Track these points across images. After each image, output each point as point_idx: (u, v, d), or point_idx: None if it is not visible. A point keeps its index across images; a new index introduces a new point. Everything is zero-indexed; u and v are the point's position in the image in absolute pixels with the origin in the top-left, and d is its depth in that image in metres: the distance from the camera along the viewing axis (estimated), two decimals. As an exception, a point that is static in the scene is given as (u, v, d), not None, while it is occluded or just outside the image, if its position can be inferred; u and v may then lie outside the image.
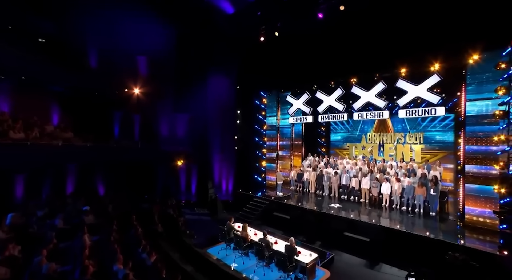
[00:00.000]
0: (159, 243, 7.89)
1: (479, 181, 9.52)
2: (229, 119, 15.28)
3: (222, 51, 14.56)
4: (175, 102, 14.41)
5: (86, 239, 6.92)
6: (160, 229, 9.12)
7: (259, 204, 13.52)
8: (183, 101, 14.40)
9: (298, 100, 15.12)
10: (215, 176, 15.20)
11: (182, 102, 14.40)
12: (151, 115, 14.01)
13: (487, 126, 9.40)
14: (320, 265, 7.86)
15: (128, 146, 13.73)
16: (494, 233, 8.90)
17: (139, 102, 13.63)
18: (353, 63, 12.16)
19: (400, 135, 16.09)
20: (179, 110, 14.60)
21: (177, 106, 14.49)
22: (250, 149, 16.41)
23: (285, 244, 7.62)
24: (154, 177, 14.51)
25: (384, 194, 11.89)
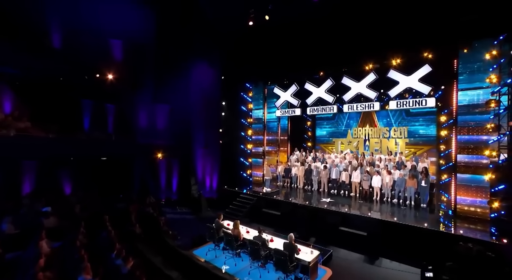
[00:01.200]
0: (137, 246, 6.66)
1: (471, 171, 9.34)
2: (213, 112, 14.17)
3: (206, 39, 13.43)
4: (155, 92, 13.01)
5: (44, 246, 5.55)
6: (138, 230, 7.84)
7: (247, 201, 12.56)
8: (163, 91, 13.04)
9: (285, 92, 14.37)
10: (199, 171, 13.99)
11: (163, 92, 13.04)
12: (128, 105, 12.47)
13: (478, 116, 9.23)
14: (320, 262, 7.07)
15: (100, 139, 12.04)
16: (484, 222, 8.72)
17: (113, 91, 12.04)
18: (344, 53, 11.65)
19: (385, 130, 15.98)
20: (159, 100, 13.21)
21: (157, 97, 13.10)
22: (236, 143, 15.39)
23: (284, 242, 6.74)
24: (131, 173, 12.96)
25: (375, 187, 11.48)
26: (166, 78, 12.93)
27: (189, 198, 13.36)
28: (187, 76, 13.61)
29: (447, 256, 6.83)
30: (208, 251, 8.10)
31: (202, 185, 14.11)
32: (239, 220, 8.26)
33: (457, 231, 7.99)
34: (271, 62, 13.18)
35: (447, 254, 7.04)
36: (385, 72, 11.27)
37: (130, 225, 8.04)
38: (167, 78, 12.95)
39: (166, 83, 12.92)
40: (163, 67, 13.01)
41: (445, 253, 7.20)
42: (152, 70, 12.82)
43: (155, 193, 13.07)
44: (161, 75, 12.94)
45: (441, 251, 7.37)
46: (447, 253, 7.11)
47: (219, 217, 8.21)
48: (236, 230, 7.59)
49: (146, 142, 12.86)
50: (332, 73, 12.83)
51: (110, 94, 12.05)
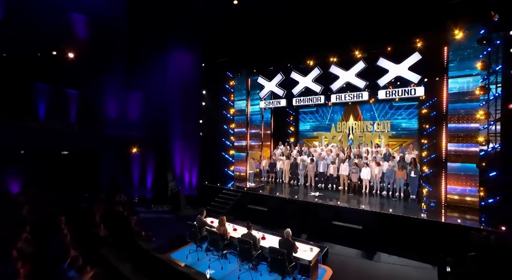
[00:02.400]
0: (101, 252, 5.31)
1: (461, 159, 9.05)
2: (192, 101, 12.86)
3: (185, 21, 12.10)
4: (127, 78, 11.39)
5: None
6: (103, 232, 6.41)
7: (230, 197, 11.44)
8: (136, 77, 11.48)
9: (270, 82, 13.45)
10: (177, 166, 12.60)
11: (136, 78, 11.48)
12: (94, 91, 10.71)
13: (468, 104, 8.96)
14: (320, 261, 6.19)
15: (59, 129, 10.18)
16: (475, 211, 8.43)
17: (76, 75, 10.27)
18: (332, 40, 10.97)
19: (368, 124, 15.71)
20: (132, 87, 11.62)
21: (129, 83, 11.49)
22: (217, 135, 14.17)
23: (279, 239, 5.75)
24: (98, 169, 11.22)
25: (364, 179, 10.93)
26: (140, 63, 11.40)
27: (166, 196, 11.93)
28: (163, 61, 12.17)
29: (455, 247, 6.31)
30: (189, 254, 6.89)
31: (181, 181, 12.74)
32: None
33: (455, 221, 7.56)
34: (255, 49, 12.22)
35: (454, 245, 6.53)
36: (374, 61, 10.76)
37: (93, 227, 6.60)
38: (141, 63, 11.42)
39: (139, 68, 11.39)
40: (137, 50, 11.45)
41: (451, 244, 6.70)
42: (124, 53, 11.22)
43: (127, 190, 11.46)
44: (134, 59, 11.38)
45: (445, 242, 6.86)
46: (453, 244, 6.61)
47: (201, 214, 7.03)
48: (222, 228, 6.48)
49: (116, 133, 11.21)
50: (320, 62, 12.12)
51: (72, 78, 10.24)
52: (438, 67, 9.84)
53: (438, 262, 5.53)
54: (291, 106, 17.87)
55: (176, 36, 12.28)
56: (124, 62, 11.20)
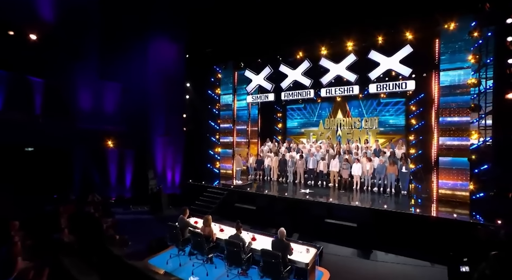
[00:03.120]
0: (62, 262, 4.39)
1: (452, 153, 8.82)
2: (176, 94, 11.93)
3: (168, 8, 11.18)
4: (102, 67, 10.27)
5: None
6: (67, 238, 5.46)
7: (216, 195, 10.66)
8: (113, 66, 10.39)
9: (258, 75, 12.78)
10: (158, 163, 11.63)
11: (113, 67, 10.38)
12: (63, 80, 9.50)
13: (459, 97, 8.75)
14: (318, 263, 5.58)
15: (20, 121, 8.83)
16: (467, 205, 8.20)
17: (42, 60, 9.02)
18: (323, 30, 10.49)
19: (356, 120, 15.45)
20: (108, 77, 10.50)
21: (105, 72, 10.36)
22: (202, 131, 13.30)
23: (272, 240, 5.08)
24: (69, 166, 10.03)
25: (355, 175, 10.52)
26: (117, 51, 10.33)
27: (146, 195, 10.94)
28: (144, 50, 11.16)
29: (456, 242, 5.94)
30: (169, 258, 6.08)
31: (163, 179, 11.77)
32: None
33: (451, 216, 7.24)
34: (242, 40, 11.51)
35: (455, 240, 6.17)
36: (365, 54, 10.38)
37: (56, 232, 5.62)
38: (118, 50, 10.34)
39: (117, 56, 10.32)
40: (113, 36, 10.36)
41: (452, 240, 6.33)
42: (98, 39, 10.10)
43: (102, 190, 10.36)
44: (110, 46, 10.28)
45: (445, 238, 6.49)
46: (454, 239, 6.25)
47: (184, 213, 6.23)
48: (207, 228, 5.72)
49: (89, 127, 10.04)
50: (309, 54, 11.60)
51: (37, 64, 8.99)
52: (429, 61, 9.60)
53: (448, 262, 5.07)
54: (279, 102, 17.38)
55: (158, 24, 11.32)
56: (98, 49, 10.07)
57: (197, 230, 5.68)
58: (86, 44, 9.81)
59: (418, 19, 9.12)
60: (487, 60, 8.38)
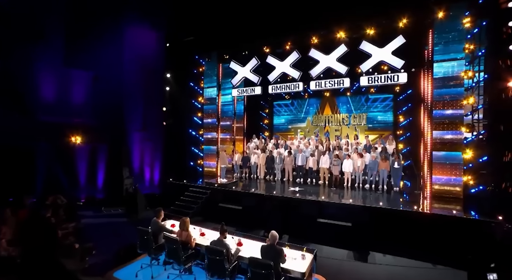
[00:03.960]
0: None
1: (446, 147, 8.40)
2: (155, 85, 10.85)
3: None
4: (69, 52, 9.02)
5: None
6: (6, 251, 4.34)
7: (199, 195, 9.72)
8: (83, 52, 9.18)
9: (244, 67, 11.93)
10: (135, 160, 10.50)
11: (82, 54, 9.15)
12: (19, 65, 8.11)
13: (453, 89, 8.35)
14: (315, 271, 4.82)
15: None
16: (461, 200, 7.81)
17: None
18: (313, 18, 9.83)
19: (345, 117, 15.01)
20: (76, 64, 9.25)
21: (72, 58, 9.11)
22: (184, 126, 12.25)
23: (262, 245, 4.25)
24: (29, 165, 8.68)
25: (346, 172, 9.93)
26: (87, 36, 9.13)
27: (121, 196, 9.78)
28: (119, 37, 10.00)
29: (464, 242, 5.40)
30: (140, 269, 5.10)
31: (140, 178, 10.65)
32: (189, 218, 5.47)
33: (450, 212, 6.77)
34: (226, 29, 10.62)
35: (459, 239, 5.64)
36: (356, 45, 9.82)
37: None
38: (88, 35, 9.14)
39: (86, 42, 9.12)
40: (83, 19, 9.14)
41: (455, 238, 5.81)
42: (64, 20, 8.83)
43: (70, 191, 9.12)
44: (79, 30, 9.06)
45: (447, 237, 5.96)
46: (459, 239, 5.72)
47: (158, 215, 5.27)
48: (184, 233, 4.80)
49: (54, 120, 8.76)
50: (298, 45, 10.90)
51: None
52: (420, 53, 9.21)
53: (467, 266, 4.46)
54: (266, 97, 16.64)
55: (135, 8, 10.20)
56: (64, 31, 8.81)
57: (172, 235, 4.75)
58: (49, 24, 8.51)
59: (410, 8, 8.66)
60: (481, 51, 8.03)
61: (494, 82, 7.31)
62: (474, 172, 7.82)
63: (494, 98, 7.42)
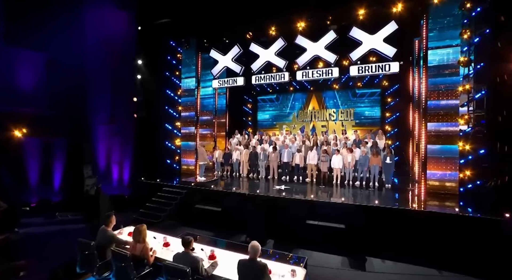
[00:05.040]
0: None
1: (441, 140, 7.74)
2: (125, 73, 9.47)
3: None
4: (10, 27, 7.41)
5: None
6: None
7: (173, 195, 8.49)
8: (32, 29, 7.68)
9: (225, 55, 10.83)
10: (100, 157, 9.06)
11: (29, 31, 7.63)
12: None
13: (448, 78, 7.70)
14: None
15: None
16: (457, 197, 7.22)
17: None
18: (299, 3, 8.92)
19: (331, 112, 14.28)
20: (21, 43, 7.64)
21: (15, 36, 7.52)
22: (158, 119, 10.91)
23: (239, 260, 3.16)
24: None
25: (335, 168, 9.08)
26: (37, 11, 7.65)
27: (82, 198, 8.34)
28: (80, 15, 8.55)
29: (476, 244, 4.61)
30: (81, 294, 3.86)
31: (106, 177, 9.22)
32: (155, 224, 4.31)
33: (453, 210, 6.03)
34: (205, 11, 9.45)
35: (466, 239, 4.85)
36: (346, 32, 9.01)
37: None
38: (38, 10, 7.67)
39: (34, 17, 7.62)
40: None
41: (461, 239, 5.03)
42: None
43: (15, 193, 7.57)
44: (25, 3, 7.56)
45: (454, 238, 5.17)
46: (468, 240, 4.94)
47: (107, 222, 4.05)
48: (140, 245, 3.61)
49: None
50: (284, 31, 9.94)
51: None
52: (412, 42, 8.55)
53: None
54: (250, 93, 15.70)
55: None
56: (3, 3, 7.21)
57: (122, 251, 3.54)
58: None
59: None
60: (477, 38, 7.42)
61: (494, 68, 6.68)
62: (473, 166, 7.18)
63: (493, 86, 6.79)
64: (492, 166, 6.47)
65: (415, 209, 6.24)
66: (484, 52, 7.08)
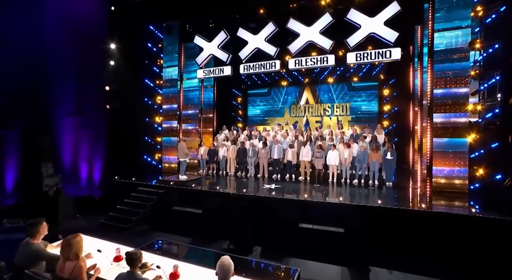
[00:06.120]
0: None
1: (448, 133, 7.00)
2: (95, 59, 8.41)
3: None
4: None
5: None
6: None
7: (148, 196, 7.50)
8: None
9: (211, 42, 9.90)
10: (65, 154, 7.96)
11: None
12: None
13: (457, 63, 6.97)
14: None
15: None
16: (464, 195, 6.49)
17: None
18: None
19: (326, 107, 13.50)
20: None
21: None
22: (135, 111, 9.84)
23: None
24: None
25: (331, 165, 8.26)
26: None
27: (40, 200, 7.22)
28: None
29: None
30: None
31: (72, 176, 8.13)
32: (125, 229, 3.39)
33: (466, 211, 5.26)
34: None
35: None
36: (343, 15, 8.21)
37: None
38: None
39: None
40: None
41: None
42: None
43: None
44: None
45: (472, 242, 4.37)
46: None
47: (33, 233, 3.03)
48: (70, 264, 2.63)
49: None
50: (275, 15, 9.10)
51: None
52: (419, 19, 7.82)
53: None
54: (239, 86, 14.82)
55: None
56: None
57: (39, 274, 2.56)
58: None
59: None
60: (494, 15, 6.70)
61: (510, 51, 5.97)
62: (484, 161, 6.46)
63: (509, 71, 6.08)
64: (506, 161, 5.74)
65: (425, 209, 5.43)
66: (498, 33, 6.36)
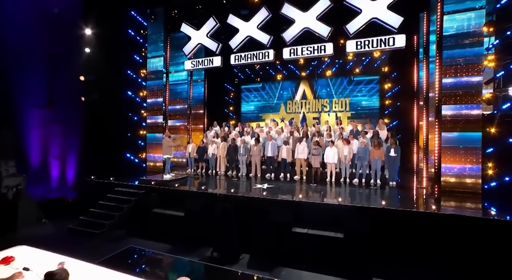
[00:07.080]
0: None
1: (459, 127, 6.41)
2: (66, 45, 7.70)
3: None
4: None
5: None
6: None
7: (126, 197, 6.83)
8: None
9: (199, 30, 9.27)
10: (32, 150, 7.23)
11: None
12: None
13: (469, 49, 6.39)
14: None
15: None
16: (477, 196, 5.91)
17: None
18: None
19: (324, 102, 12.94)
20: None
21: None
22: (115, 104, 9.12)
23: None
24: None
25: (329, 163, 7.66)
26: None
27: (1, 202, 6.49)
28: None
29: None
30: None
31: (41, 175, 7.41)
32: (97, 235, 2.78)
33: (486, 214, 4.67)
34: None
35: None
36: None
37: None
38: None
39: None
40: None
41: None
42: None
43: None
44: None
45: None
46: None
47: None
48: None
49: None
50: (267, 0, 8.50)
51: None
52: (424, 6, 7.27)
53: None
54: (232, 81, 14.20)
55: None
56: None
57: None
58: None
59: None
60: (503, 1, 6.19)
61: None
62: (501, 157, 5.90)
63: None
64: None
65: (435, 211, 4.83)
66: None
